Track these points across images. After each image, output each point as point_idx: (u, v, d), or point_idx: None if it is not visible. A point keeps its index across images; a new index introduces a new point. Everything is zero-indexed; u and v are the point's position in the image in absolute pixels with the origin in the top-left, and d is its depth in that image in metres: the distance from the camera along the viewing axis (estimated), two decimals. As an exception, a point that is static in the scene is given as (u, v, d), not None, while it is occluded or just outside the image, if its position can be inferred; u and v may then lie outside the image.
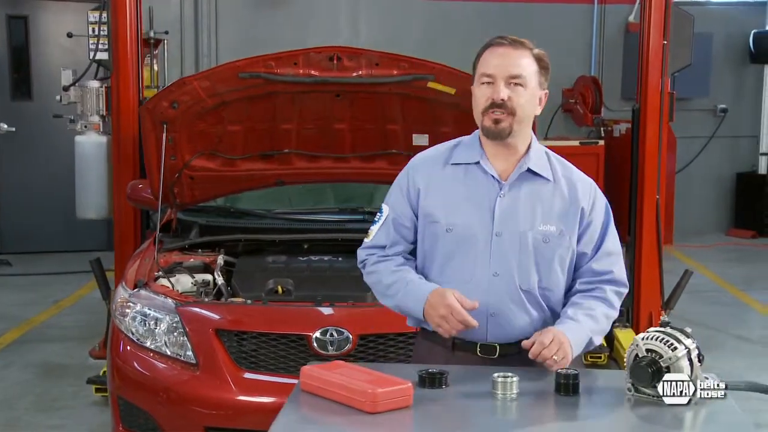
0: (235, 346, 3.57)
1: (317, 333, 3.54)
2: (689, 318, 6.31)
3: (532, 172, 2.49)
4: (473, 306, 2.36)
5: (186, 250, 4.36)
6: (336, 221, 4.67)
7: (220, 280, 4.03)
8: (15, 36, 8.87)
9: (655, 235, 5.26)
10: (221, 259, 4.23)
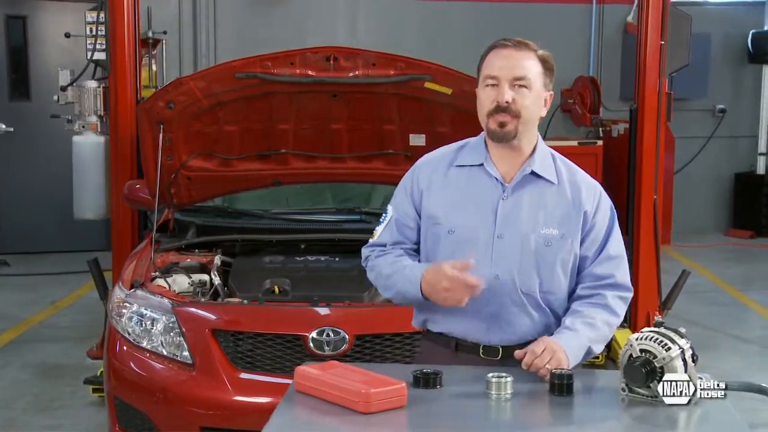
0: (232, 346, 3.57)
1: (313, 333, 3.54)
2: (687, 318, 6.31)
3: (536, 174, 2.48)
4: (470, 266, 2.33)
5: (183, 250, 4.35)
6: (333, 221, 4.67)
7: (216, 280, 4.02)
8: (13, 36, 8.85)
9: (653, 236, 5.27)
10: (218, 260, 4.22)
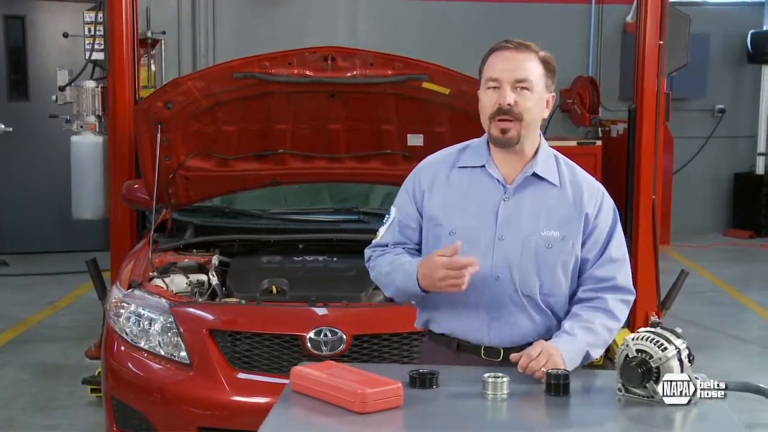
0: (229, 346, 3.57)
1: (311, 333, 3.53)
2: (686, 318, 6.32)
3: (537, 176, 2.47)
4: (458, 250, 2.31)
5: (181, 250, 4.35)
6: (331, 221, 4.67)
7: (214, 280, 4.02)
8: (12, 36, 8.85)
9: (651, 236, 5.26)
10: (216, 260, 4.22)
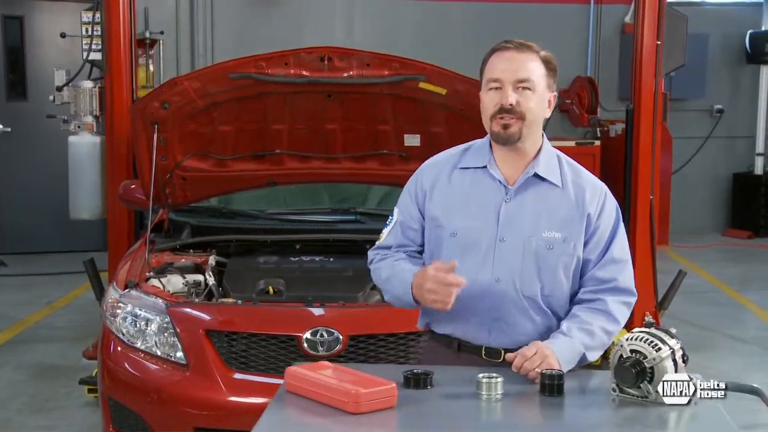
0: (226, 346, 3.56)
1: (307, 334, 3.53)
2: (684, 318, 6.32)
3: (539, 177, 2.46)
4: (453, 265, 2.32)
5: (177, 250, 4.34)
6: (328, 222, 4.66)
7: (211, 280, 4.02)
8: (10, 36, 8.85)
9: (649, 236, 5.26)
10: (212, 260, 4.22)
